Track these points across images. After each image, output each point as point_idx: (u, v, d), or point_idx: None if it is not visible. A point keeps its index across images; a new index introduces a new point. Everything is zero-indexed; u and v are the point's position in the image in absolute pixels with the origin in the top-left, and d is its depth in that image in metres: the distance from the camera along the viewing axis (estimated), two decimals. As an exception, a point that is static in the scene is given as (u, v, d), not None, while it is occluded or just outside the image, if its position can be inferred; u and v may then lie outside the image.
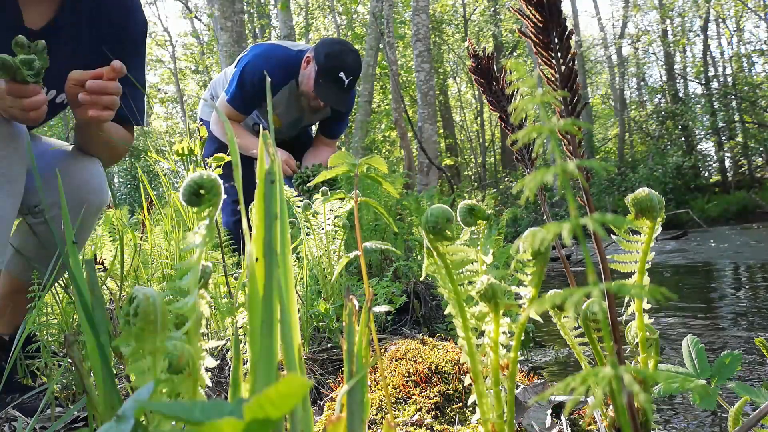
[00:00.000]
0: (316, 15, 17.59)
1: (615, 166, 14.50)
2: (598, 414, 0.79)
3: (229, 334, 1.37)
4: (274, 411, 0.23)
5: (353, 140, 9.19)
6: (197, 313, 0.49)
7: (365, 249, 0.74)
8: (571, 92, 0.66)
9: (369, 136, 12.55)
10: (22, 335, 0.90)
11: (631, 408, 0.66)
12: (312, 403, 1.11)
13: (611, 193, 13.04)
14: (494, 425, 0.68)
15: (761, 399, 0.70)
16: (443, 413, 0.91)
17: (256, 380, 0.35)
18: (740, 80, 17.65)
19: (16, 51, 1.03)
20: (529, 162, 0.83)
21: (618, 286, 0.34)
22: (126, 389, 1.13)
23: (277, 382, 0.27)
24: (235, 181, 0.45)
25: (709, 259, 4.61)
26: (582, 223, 0.33)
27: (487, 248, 0.69)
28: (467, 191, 15.46)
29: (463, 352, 0.68)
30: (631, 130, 19.50)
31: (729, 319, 2.17)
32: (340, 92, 2.65)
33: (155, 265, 1.77)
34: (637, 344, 0.75)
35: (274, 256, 0.38)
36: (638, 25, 20.72)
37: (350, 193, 0.86)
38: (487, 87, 0.82)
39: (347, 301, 0.50)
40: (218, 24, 6.65)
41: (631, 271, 0.73)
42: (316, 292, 1.58)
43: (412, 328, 1.86)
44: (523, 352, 1.78)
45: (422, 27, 8.08)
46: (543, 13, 0.64)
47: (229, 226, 2.89)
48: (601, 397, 0.77)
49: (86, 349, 0.46)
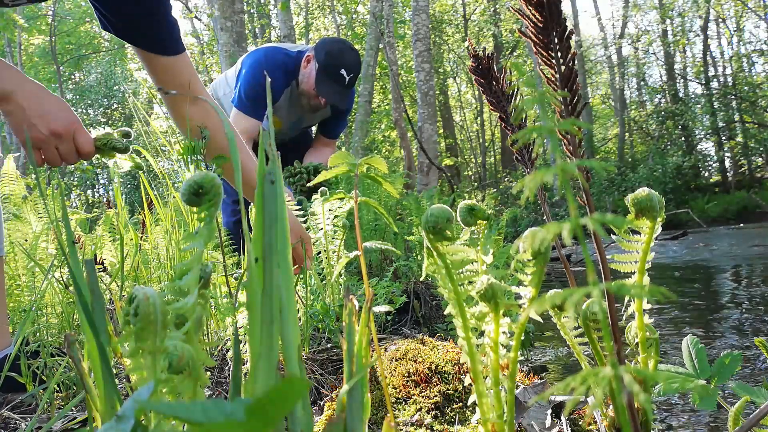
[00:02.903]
0: (316, 15, 17.58)
1: (615, 166, 14.48)
2: (598, 414, 0.79)
3: (229, 334, 1.37)
4: (274, 411, 0.23)
5: (353, 140, 9.18)
6: (197, 313, 0.49)
7: (365, 249, 0.74)
8: (571, 92, 0.66)
9: (369, 136, 12.55)
10: (20, 336, 0.90)
11: (631, 408, 0.66)
12: (312, 403, 1.11)
13: (611, 193, 13.03)
14: (494, 425, 0.68)
15: (761, 399, 0.70)
16: (443, 413, 0.91)
17: (256, 380, 0.35)
18: (740, 80, 17.65)
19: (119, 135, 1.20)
20: (529, 162, 0.83)
21: (618, 286, 0.34)
22: (126, 389, 1.13)
23: (277, 382, 0.27)
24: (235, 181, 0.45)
25: (709, 259, 4.61)
26: (582, 223, 0.33)
27: (487, 248, 0.69)
28: (467, 191, 15.46)
29: (463, 352, 0.68)
30: (631, 130, 19.50)
31: (729, 319, 2.17)
32: (341, 90, 2.66)
33: (155, 264, 1.77)
34: (637, 344, 0.75)
35: (274, 256, 0.38)
36: (638, 25, 20.72)
37: (350, 193, 0.86)
38: (487, 87, 0.82)
39: (347, 301, 0.50)
40: (218, 24, 6.65)
41: (631, 271, 0.73)
42: (316, 292, 1.58)
43: (412, 328, 1.86)
44: (523, 352, 1.78)
45: (422, 27, 8.08)
46: (543, 13, 0.64)
47: (229, 226, 2.89)
48: (601, 397, 0.77)
49: (86, 349, 0.46)
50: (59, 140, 1.14)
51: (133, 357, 0.47)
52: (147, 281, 1.78)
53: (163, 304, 0.48)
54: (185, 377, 0.47)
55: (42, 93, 1.13)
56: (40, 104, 1.11)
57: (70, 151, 1.16)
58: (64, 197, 1.37)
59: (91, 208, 11.57)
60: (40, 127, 1.11)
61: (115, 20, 1.32)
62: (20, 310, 1.53)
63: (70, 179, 13.35)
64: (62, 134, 1.13)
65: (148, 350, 0.47)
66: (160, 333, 0.47)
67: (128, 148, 1.20)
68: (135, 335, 0.47)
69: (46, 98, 1.13)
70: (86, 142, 1.17)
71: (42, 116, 1.11)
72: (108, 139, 1.18)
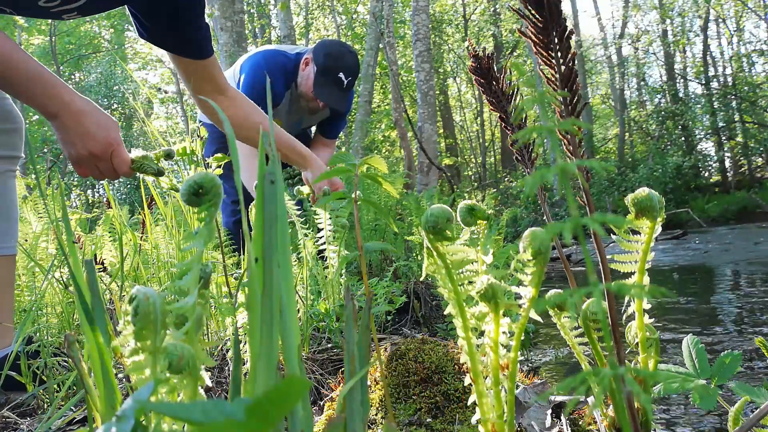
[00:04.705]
0: (316, 15, 17.58)
1: (615, 166, 14.49)
2: (598, 414, 0.79)
3: (229, 334, 1.37)
4: (274, 411, 0.23)
5: (353, 140, 9.18)
6: (197, 313, 0.49)
7: (365, 249, 0.74)
8: (571, 92, 0.66)
9: (369, 136, 12.55)
10: (20, 336, 0.90)
11: (631, 408, 0.66)
12: (312, 403, 1.11)
13: (611, 193, 13.03)
14: (494, 425, 0.68)
15: (761, 399, 0.70)
16: (443, 413, 0.91)
17: (256, 380, 0.35)
18: (740, 80, 17.65)
19: (160, 155, 1.25)
20: (529, 162, 0.83)
21: (618, 286, 0.34)
22: (126, 389, 1.13)
23: (277, 382, 0.27)
24: (235, 182, 0.45)
25: (709, 259, 4.61)
26: (582, 223, 0.33)
27: (487, 248, 0.69)
28: (467, 191, 15.46)
29: (463, 352, 0.68)
30: (631, 130, 19.50)
31: (729, 318, 2.17)
32: (340, 93, 2.65)
33: (155, 264, 1.77)
34: (637, 344, 0.75)
35: (274, 256, 0.38)
36: (638, 25, 20.72)
37: (350, 193, 0.85)
38: (487, 87, 0.82)
39: (347, 301, 0.50)
40: (218, 24, 6.65)
41: (631, 271, 0.73)
42: (316, 292, 1.58)
43: (412, 328, 1.86)
44: (523, 352, 1.78)
45: (422, 27, 8.08)
46: (543, 13, 0.64)
47: (229, 227, 2.89)
48: (601, 397, 0.77)
49: (86, 349, 0.46)
50: (97, 160, 1.22)
51: (133, 357, 0.47)
52: (147, 281, 1.78)
53: (163, 304, 0.48)
54: (185, 377, 0.47)
55: (84, 113, 1.19)
56: (81, 125, 1.18)
57: (109, 170, 1.24)
58: (64, 197, 1.37)
59: (91, 208, 11.57)
60: (80, 147, 1.19)
61: (153, 28, 1.43)
62: (20, 310, 1.53)
63: (70, 179, 13.35)
64: (99, 155, 1.21)
65: (148, 350, 0.47)
66: (160, 333, 0.47)
67: (162, 172, 1.23)
68: (135, 335, 0.47)
69: (88, 119, 1.19)
70: (121, 164, 1.23)
71: (82, 136, 1.19)
72: (141, 163, 1.23)
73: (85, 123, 1.18)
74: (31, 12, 1.29)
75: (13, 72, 1.12)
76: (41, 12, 1.30)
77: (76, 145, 1.19)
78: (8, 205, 1.43)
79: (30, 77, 1.13)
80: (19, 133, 1.46)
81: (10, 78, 1.12)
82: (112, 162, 1.22)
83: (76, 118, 1.18)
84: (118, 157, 1.22)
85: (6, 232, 1.40)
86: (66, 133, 1.19)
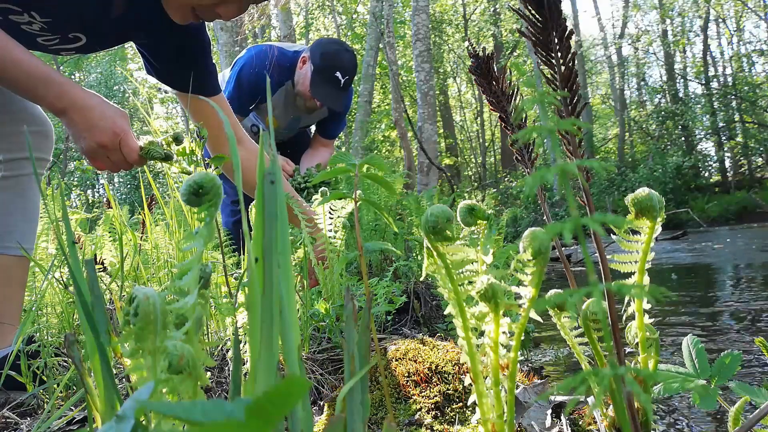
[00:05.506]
0: (316, 15, 17.58)
1: (615, 166, 14.51)
2: (598, 414, 0.79)
3: (229, 334, 1.37)
4: (274, 411, 0.23)
5: (353, 140, 9.18)
6: (197, 313, 0.49)
7: (365, 249, 0.74)
8: (571, 92, 0.66)
9: (369, 136, 12.55)
10: (21, 335, 0.90)
11: (631, 408, 0.66)
12: (312, 403, 1.11)
13: (611, 193, 13.04)
14: (494, 425, 0.68)
15: (761, 399, 0.70)
16: (443, 413, 0.91)
17: (256, 380, 0.35)
18: (740, 80, 17.66)
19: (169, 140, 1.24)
20: (529, 162, 0.83)
21: (618, 286, 0.34)
22: (126, 389, 1.13)
23: (277, 382, 0.27)
24: (235, 182, 0.45)
25: (709, 259, 4.61)
26: (582, 223, 0.33)
27: (487, 248, 0.69)
28: (467, 191, 15.46)
29: (463, 352, 0.68)
30: (631, 130, 19.50)
31: (729, 318, 2.17)
32: (336, 92, 2.64)
33: (155, 264, 1.77)
34: (637, 344, 0.75)
35: (274, 256, 0.38)
36: (638, 25, 20.73)
37: (350, 193, 0.86)
38: (487, 87, 0.82)
39: (347, 301, 0.50)
40: (218, 24, 6.65)
41: (631, 271, 0.73)
42: (316, 292, 1.58)
43: (412, 328, 1.86)
44: (523, 352, 1.78)
45: (422, 27, 8.08)
46: (543, 13, 0.64)
47: (229, 226, 2.89)
48: (601, 397, 0.77)
49: (86, 349, 0.46)
50: (107, 151, 1.23)
51: (133, 357, 0.47)
52: (147, 281, 1.78)
53: (163, 304, 0.48)
54: (185, 377, 0.47)
55: (91, 108, 1.20)
56: (88, 119, 1.20)
57: (120, 160, 1.25)
58: (64, 197, 1.38)
59: (91, 208, 11.57)
60: (89, 140, 1.21)
61: (161, 68, 1.49)
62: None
63: (70, 179, 13.35)
64: (107, 146, 1.22)
65: (148, 350, 0.47)
66: (160, 333, 0.47)
67: (170, 156, 1.24)
68: (135, 335, 0.47)
69: (94, 112, 1.21)
70: (130, 152, 1.24)
71: (89, 129, 1.20)
72: (149, 148, 1.23)
73: (92, 116, 1.20)
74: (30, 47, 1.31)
75: (18, 71, 1.13)
76: (40, 47, 1.33)
77: (86, 139, 1.20)
78: (31, 208, 1.45)
79: (36, 76, 1.14)
80: (45, 135, 1.47)
81: (17, 77, 1.14)
82: (121, 151, 1.23)
83: (83, 112, 1.19)
84: (127, 145, 1.23)
85: (25, 233, 1.41)
86: (75, 128, 1.20)
